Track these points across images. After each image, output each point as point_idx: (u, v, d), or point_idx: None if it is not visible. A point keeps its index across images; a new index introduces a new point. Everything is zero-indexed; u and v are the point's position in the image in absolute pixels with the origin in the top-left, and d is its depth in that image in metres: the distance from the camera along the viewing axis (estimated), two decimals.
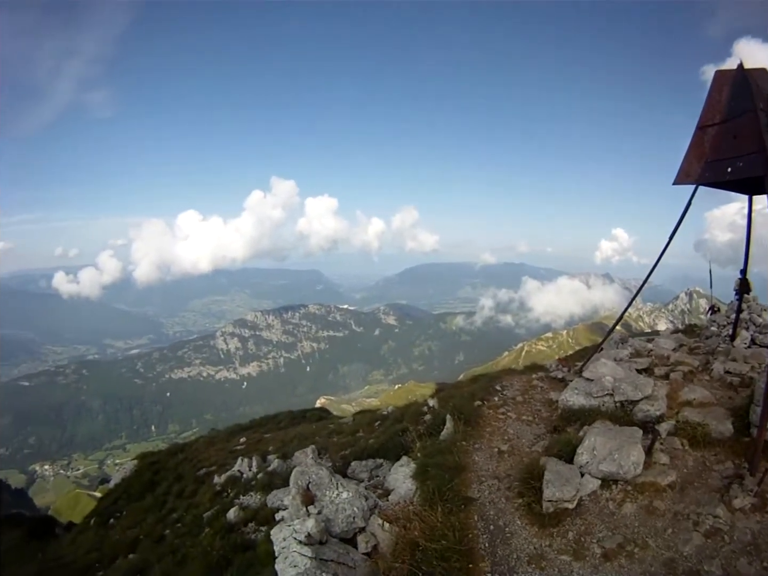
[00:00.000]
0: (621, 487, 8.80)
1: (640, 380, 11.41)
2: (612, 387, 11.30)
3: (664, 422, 10.36)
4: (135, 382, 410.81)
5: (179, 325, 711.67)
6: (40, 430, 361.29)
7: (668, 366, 14.02)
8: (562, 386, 13.94)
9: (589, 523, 8.27)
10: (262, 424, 43.86)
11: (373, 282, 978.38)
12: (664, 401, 10.82)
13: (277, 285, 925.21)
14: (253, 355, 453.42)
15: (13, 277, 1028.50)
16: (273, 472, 18.51)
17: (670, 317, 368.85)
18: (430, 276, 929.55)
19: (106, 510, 30.06)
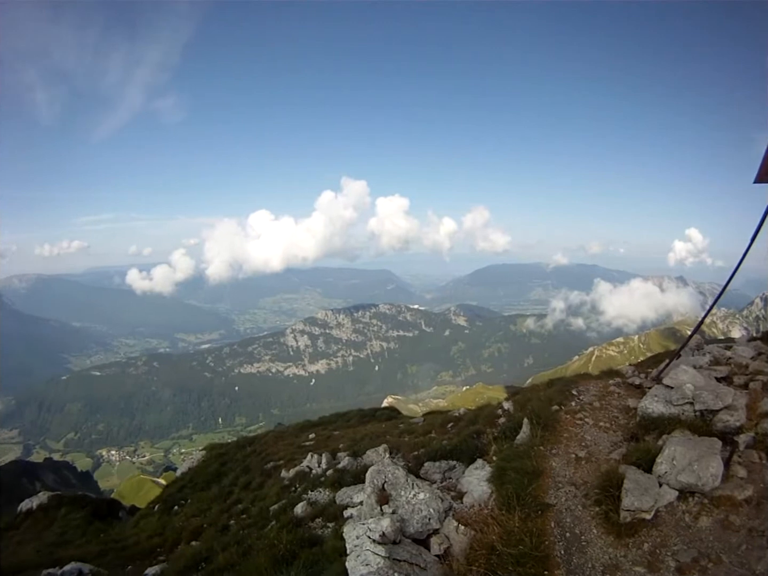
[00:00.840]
0: (698, 499, 8.64)
1: (721, 389, 11.06)
2: (692, 395, 11.01)
3: (743, 434, 10.04)
4: (205, 375, 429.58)
5: (250, 321, 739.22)
6: (110, 417, 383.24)
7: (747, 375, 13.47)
8: (639, 393, 13.94)
9: (664, 535, 8.16)
10: (332, 421, 44.49)
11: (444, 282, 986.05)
12: (743, 412, 10.47)
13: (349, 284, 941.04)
14: (322, 352, 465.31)
15: (89, 273, 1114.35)
16: (343, 470, 18.76)
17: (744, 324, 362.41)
18: (501, 277, 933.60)
19: (171, 497, 31.25)
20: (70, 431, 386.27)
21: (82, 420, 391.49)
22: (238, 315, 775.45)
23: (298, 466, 23.32)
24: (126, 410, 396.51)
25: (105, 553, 21.64)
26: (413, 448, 17.52)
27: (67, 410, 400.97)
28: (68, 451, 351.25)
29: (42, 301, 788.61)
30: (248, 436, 46.54)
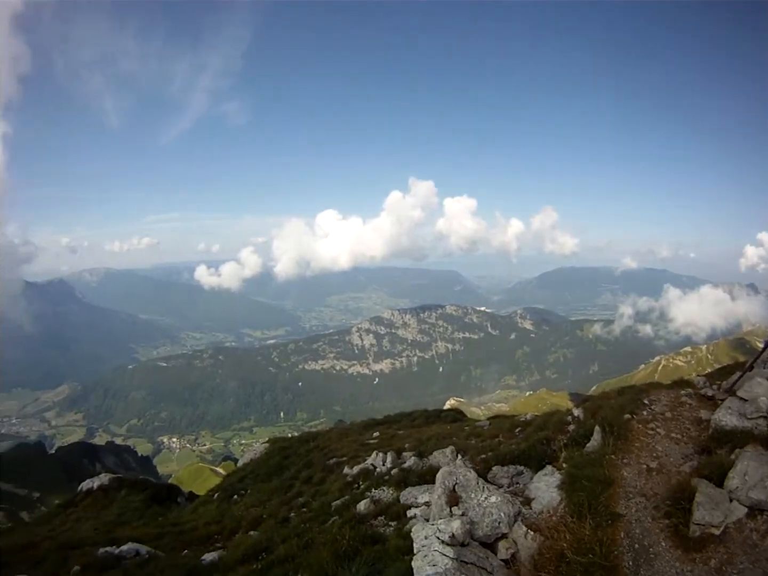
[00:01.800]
0: (766, 517, 8.48)
1: None
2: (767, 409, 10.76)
3: None
4: (269, 370, 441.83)
5: (316, 319, 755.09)
6: (173, 406, 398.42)
7: None
8: (712, 405, 13.83)
9: (731, 552, 8.11)
10: (397, 420, 44.73)
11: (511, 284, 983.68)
12: None
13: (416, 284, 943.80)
14: (387, 352, 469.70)
15: (158, 269, 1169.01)
16: (408, 469, 18.79)
17: None
18: (569, 280, 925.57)
19: (231, 486, 31.92)
20: (134, 418, 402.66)
21: (146, 407, 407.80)
22: (305, 312, 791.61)
23: (362, 463, 23.49)
24: (189, 400, 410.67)
25: (162, 536, 22.11)
26: (480, 452, 17.46)
27: (131, 398, 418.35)
28: (130, 437, 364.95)
29: (111, 294, 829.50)
30: (312, 432, 47.25)
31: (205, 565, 15.60)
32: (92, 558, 17.80)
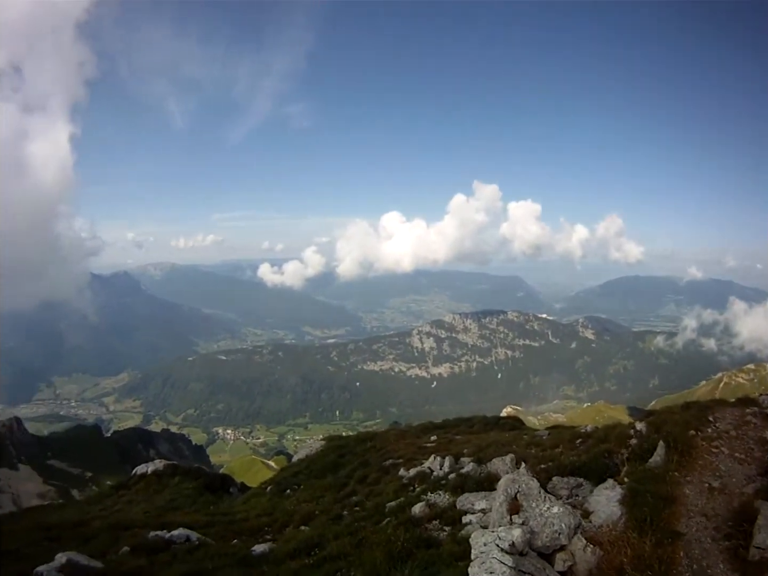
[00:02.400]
0: None
1: None
2: None
3: None
4: (328, 368, 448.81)
5: (377, 320, 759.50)
6: (230, 399, 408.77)
7: None
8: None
9: None
10: (455, 425, 44.52)
11: (574, 292, 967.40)
12: None
13: (478, 289, 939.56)
14: (446, 356, 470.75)
15: (222, 265, 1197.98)
16: (466, 475, 18.63)
17: None
18: (632, 289, 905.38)
19: (285, 480, 32.24)
20: (190, 407, 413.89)
21: (203, 399, 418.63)
22: (366, 313, 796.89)
23: (418, 466, 23.38)
24: (247, 394, 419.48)
25: (212, 524, 22.37)
26: (540, 461, 17.25)
27: (190, 388, 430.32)
28: (185, 425, 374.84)
29: (175, 289, 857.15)
30: (369, 432, 47.42)
31: (255, 556, 15.75)
32: (142, 540, 18.13)
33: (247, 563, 15.18)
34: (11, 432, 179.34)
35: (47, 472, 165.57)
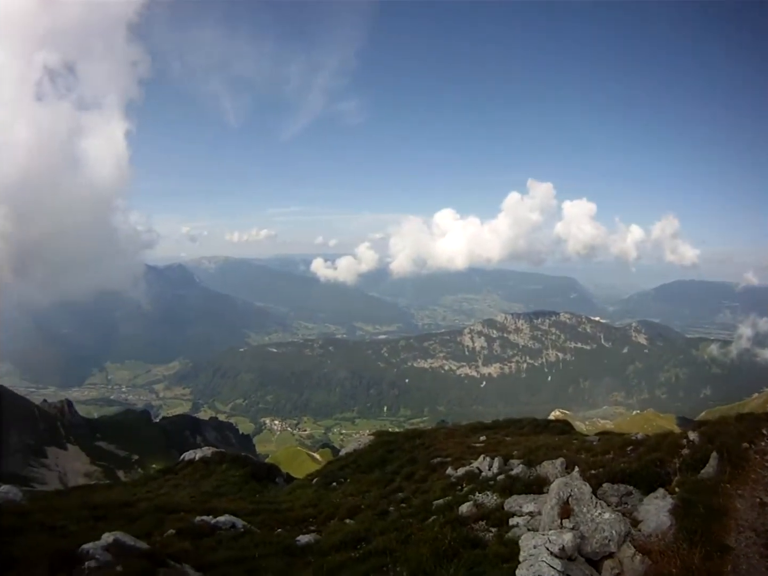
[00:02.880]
0: None
1: None
2: None
3: None
4: (378, 364, 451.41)
5: (429, 317, 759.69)
6: (279, 390, 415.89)
7: None
8: None
9: None
10: (504, 426, 44.34)
11: (628, 295, 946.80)
12: None
13: (530, 289, 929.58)
14: (497, 356, 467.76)
15: (276, 259, 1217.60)
16: (515, 477, 18.55)
17: None
18: (687, 294, 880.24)
19: (332, 473, 32.50)
20: (240, 397, 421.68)
21: (253, 389, 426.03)
22: (418, 310, 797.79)
23: (467, 466, 23.37)
24: (296, 386, 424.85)
25: (257, 512, 22.65)
26: (590, 467, 17.12)
27: (240, 379, 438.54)
28: (234, 415, 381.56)
29: (229, 281, 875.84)
30: (418, 429, 47.59)
31: (299, 546, 15.92)
32: (188, 524, 18.42)
33: (292, 553, 15.37)
34: (62, 413, 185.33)
35: (95, 452, 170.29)
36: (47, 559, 12.32)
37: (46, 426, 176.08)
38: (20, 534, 15.77)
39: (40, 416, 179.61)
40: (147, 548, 13.64)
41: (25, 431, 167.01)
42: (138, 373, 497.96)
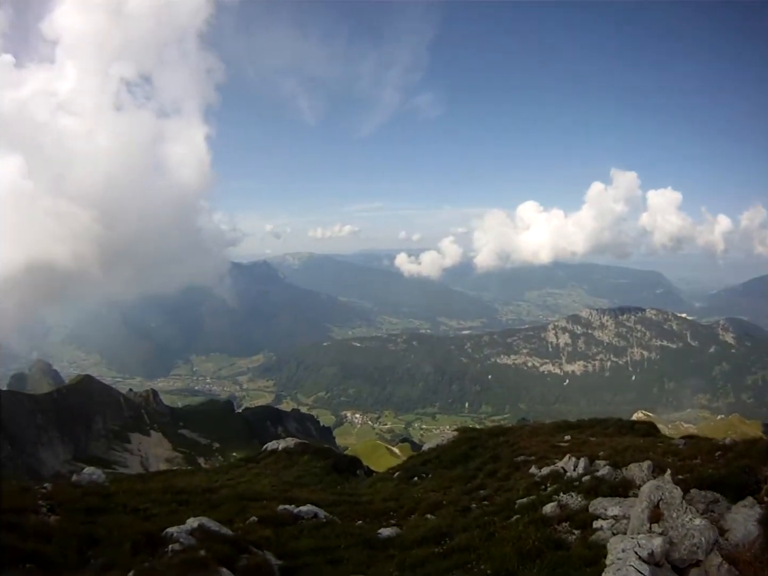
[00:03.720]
0: None
1: None
2: None
3: None
4: (461, 360, 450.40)
5: (513, 313, 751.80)
6: (361, 384, 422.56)
7: None
8: None
9: None
10: (590, 426, 43.56)
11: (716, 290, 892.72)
12: None
13: (616, 283, 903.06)
14: (581, 353, 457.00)
15: (359, 255, 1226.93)
16: (601, 478, 18.23)
17: None
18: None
19: (413, 468, 32.63)
20: (322, 390, 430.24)
21: (335, 383, 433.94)
22: (502, 305, 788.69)
23: (551, 465, 23.17)
24: (378, 381, 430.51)
25: (338, 503, 23.02)
26: (678, 471, 16.77)
27: (323, 372, 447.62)
28: (315, 407, 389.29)
29: (312, 277, 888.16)
30: (502, 426, 47.28)
31: (381, 539, 16.05)
32: (270, 512, 18.80)
33: (373, 545, 15.52)
34: (147, 402, 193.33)
35: (177, 439, 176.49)
36: (131, 539, 12.81)
37: (131, 413, 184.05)
38: (104, 514, 16.47)
39: (126, 404, 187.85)
40: (231, 534, 14.01)
41: (110, 417, 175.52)
42: (222, 366, 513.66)
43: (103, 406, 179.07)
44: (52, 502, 17.08)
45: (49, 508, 16.39)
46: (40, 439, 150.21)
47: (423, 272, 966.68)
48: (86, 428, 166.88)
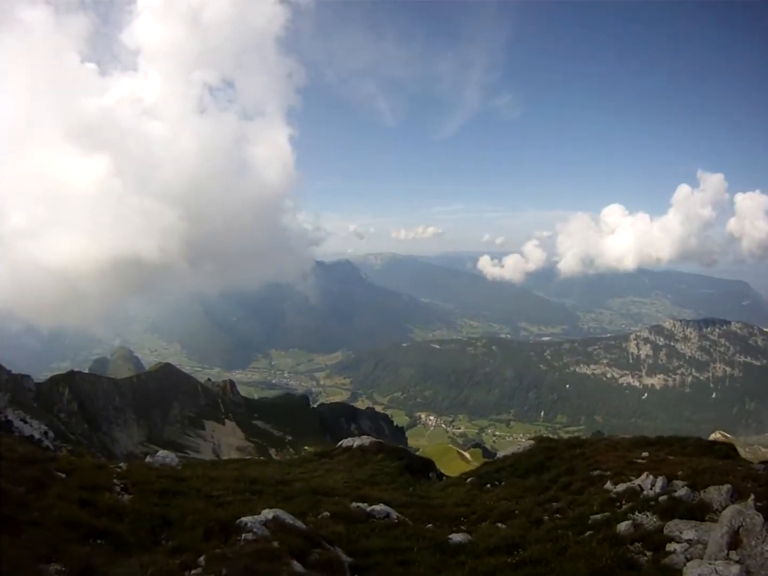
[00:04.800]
0: None
1: None
2: None
3: None
4: (539, 367, 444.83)
5: (595, 321, 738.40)
6: (438, 386, 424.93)
7: None
8: None
9: None
10: (668, 443, 42.56)
11: None
12: None
13: (702, 293, 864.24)
14: (661, 366, 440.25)
15: (441, 257, 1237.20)
16: (678, 499, 17.77)
17: None
18: None
19: (487, 475, 32.47)
20: (398, 391, 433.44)
21: (412, 384, 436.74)
22: (584, 312, 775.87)
23: (627, 482, 22.77)
24: (455, 384, 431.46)
25: (409, 504, 23.08)
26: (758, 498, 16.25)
27: (400, 372, 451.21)
28: (390, 407, 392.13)
29: (394, 278, 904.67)
30: (579, 438, 46.68)
31: (452, 544, 16.02)
32: (343, 509, 19.01)
33: (443, 550, 15.49)
34: (224, 392, 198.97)
35: (251, 430, 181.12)
36: (204, 524, 13.11)
37: (207, 402, 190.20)
38: (177, 497, 16.92)
39: (203, 392, 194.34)
40: (304, 528, 14.18)
41: (187, 404, 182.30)
42: (301, 361, 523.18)
43: (181, 393, 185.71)
44: (126, 482, 17.80)
45: (122, 488, 17.11)
46: (116, 420, 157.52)
47: (506, 276, 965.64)
48: (162, 413, 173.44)
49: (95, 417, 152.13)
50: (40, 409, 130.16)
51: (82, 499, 13.81)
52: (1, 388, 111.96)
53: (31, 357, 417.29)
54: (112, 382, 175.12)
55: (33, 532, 10.64)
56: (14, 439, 25.60)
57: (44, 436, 26.59)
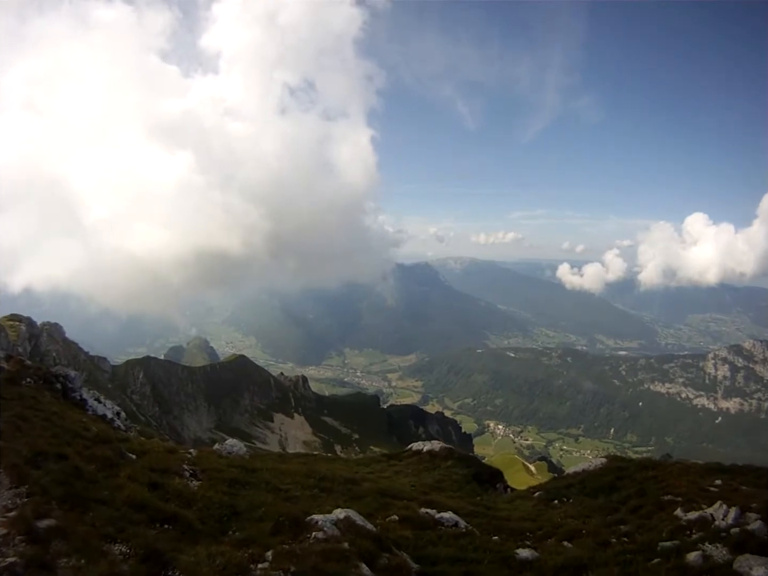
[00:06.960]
0: None
1: None
2: None
3: None
4: (613, 382, 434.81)
5: (673, 337, 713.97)
6: (509, 395, 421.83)
7: None
8: None
9: None
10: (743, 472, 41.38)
11: None
12: None
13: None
14: (738, 389, 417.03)
15: (521, 263, 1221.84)
16: (751, 533, 17.20)
17: None
18: None
19: (555, 490, 31.96)
20: (469, 397, 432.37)
21: (484, 391, 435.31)
22: (663, 327, 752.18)
23: (699, 510, 22.22)
24: (527, 394, 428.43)
25: (475, 514, 22.92)
26: None
27: (473, 379, 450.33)
28: (459, 413, 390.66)
29: (473, 282, 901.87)
30: (652, 459, 45.74)
31: (518, 560, 15.94)
32: (412, 513, 18.97)
33: (510, 565, 15.39)
34: (295, 386, 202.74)
35: (318, 425, 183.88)
36: (273, 518, 13.18)
37: (278, 395, 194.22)
38: (246, 488, 17.15)
39: (275, 386, 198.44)
40: (375, 531, 14.23)
41: (258, 396, 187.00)
42: (374, 361, 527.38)
43: (253, 384, 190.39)
44: (196, 468, 18.13)
45: (192, 473, 17.44)
46: (187, 406, 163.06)
47: (585, 285, 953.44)
48: (233, 402, 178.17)
49: (167, 401, 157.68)
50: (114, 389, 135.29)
51: (152, 482, 14.21)
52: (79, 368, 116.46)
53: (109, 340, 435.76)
54: (186, 370, 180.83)
55: (101, 511, 10.99)
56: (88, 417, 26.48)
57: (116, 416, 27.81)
